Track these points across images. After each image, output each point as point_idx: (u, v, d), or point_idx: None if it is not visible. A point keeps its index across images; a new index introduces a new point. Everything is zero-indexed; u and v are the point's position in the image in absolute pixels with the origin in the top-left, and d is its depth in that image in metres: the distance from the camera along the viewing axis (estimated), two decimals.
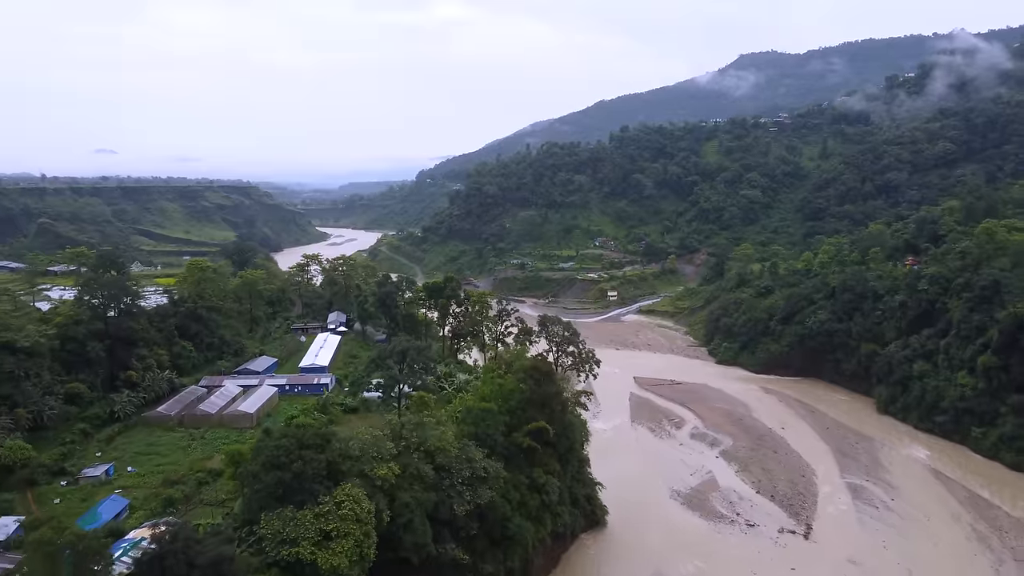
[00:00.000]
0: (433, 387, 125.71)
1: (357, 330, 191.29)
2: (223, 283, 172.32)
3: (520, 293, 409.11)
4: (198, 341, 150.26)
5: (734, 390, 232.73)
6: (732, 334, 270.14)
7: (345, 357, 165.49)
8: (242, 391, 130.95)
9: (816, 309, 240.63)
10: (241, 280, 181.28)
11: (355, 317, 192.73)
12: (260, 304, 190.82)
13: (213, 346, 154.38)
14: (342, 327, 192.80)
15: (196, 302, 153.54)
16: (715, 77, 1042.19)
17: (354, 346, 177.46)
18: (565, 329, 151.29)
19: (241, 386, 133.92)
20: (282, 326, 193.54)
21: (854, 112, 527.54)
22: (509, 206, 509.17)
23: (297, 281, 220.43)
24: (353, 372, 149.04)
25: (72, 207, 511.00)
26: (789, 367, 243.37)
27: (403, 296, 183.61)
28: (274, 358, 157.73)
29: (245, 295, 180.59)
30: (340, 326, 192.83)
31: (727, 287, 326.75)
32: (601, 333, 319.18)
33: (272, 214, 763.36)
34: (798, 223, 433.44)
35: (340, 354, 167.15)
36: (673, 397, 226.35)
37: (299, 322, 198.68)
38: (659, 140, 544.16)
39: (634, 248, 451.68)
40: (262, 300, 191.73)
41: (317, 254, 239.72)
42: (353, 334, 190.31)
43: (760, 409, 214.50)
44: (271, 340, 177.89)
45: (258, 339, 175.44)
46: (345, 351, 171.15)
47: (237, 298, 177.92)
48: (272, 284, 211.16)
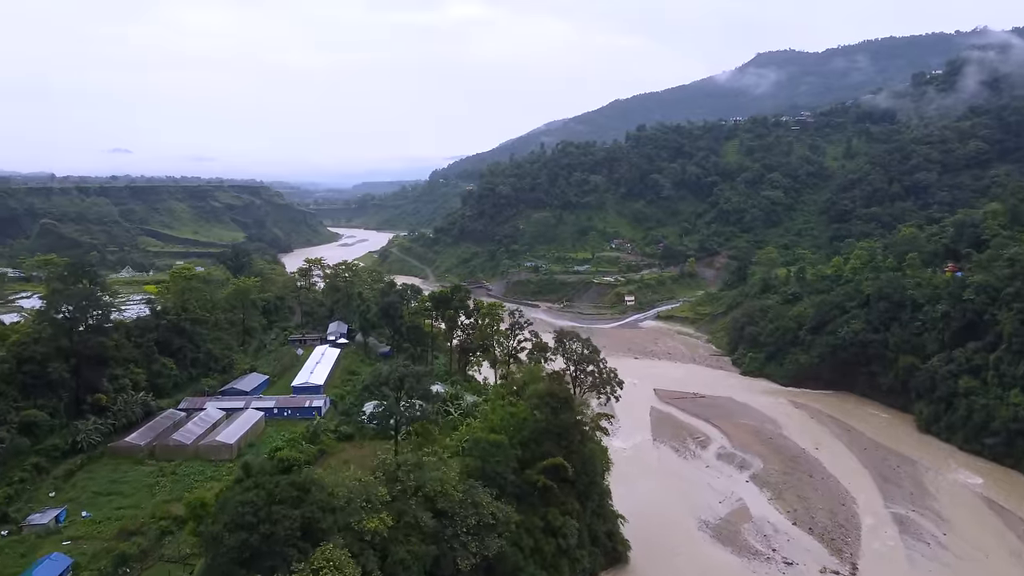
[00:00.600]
0: (437, 411, 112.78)
1: (359, 342, 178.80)
2: (211, 292, 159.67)
3: (534, 297, 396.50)
4: (181, 357, 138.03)
5: (761, 404, 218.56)
6: (758, 343, 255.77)
7: (343, 374, 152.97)
8: (225, 416, 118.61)
9: (849, 318, 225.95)
10: (233, 288, 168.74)
11: (356, 328, 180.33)
12: (254, 314, 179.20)
13: (198, 362, 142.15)
14: (343, 338, 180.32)
15: (180, 314, 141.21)
16: (734, 75, 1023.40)
17: (354, 360, 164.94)
18: (584, 346, 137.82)
19: (225, 409, 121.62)
20: (279, 337, 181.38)
21: (879, 110, 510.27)
22: (523, 207, 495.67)
23: (300, 287, 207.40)
24: (351, 391, 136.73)
25: (79, 207, 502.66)
26: (819, 380, 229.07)
27: (407, 306, 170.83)
28: (265, 375, 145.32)
29: (237, 305, 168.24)
30: (340, 337, 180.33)
31: (751, 293, 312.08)
32: (618, 341, 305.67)
33: (283, 214, 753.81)
34: (822, 225, 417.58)
35: (338, 370, 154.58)
36: (697, 412, 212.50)
37: (297, 333, 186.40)
38: (677, 139, 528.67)
39: (651, 250, 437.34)
40: (256, 310, 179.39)
41: (320, 258, 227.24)
42: (355, 346, 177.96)
43: (790, 426, 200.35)
44: (265, 354, 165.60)
45: (251, 353, 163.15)
46: (344, 366, 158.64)
47: (229, 308, 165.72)
48: (269, 291, 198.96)
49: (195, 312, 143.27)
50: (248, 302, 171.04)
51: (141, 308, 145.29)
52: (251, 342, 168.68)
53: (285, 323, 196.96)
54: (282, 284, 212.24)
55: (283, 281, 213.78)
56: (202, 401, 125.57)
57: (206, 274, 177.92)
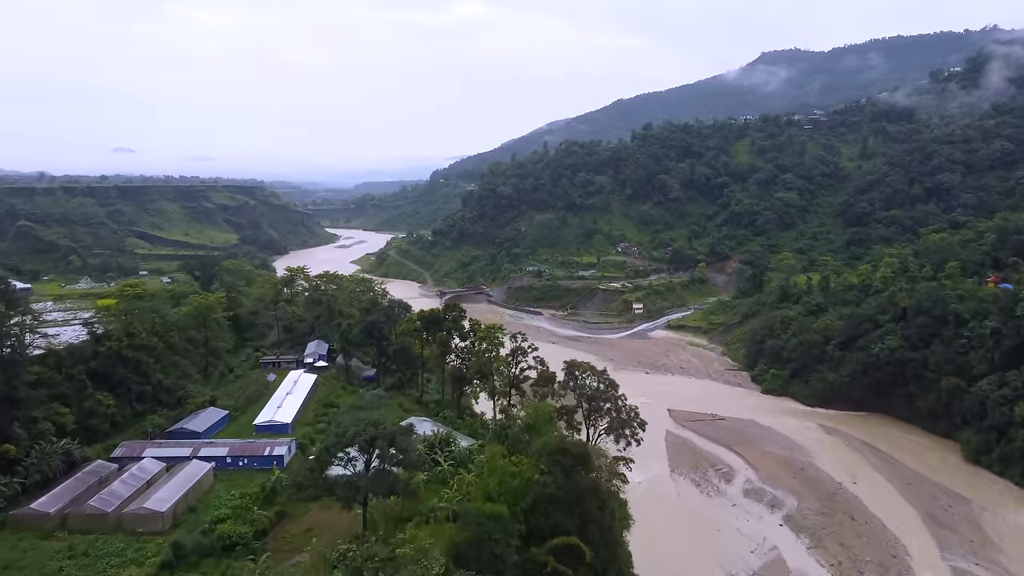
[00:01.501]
0: (423, 463, 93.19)
1: (340, 365, 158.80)
2: (165, 312, 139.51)
3: (536, 304, 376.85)
4: (124, 391, 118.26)
5: (788, 428, 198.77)
6: (780, 359, 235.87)
7: (319, 406, 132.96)
8: (165, 468, 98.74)
9: (883, 333, 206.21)
10: (193, 306, 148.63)
11: (338, 349, 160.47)
12: (219, 334, 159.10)
13: (146, 396, 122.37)
14: (321, 360, 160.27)
15: (123, 339, 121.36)
16: (741, 74, 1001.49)
17: (334, 387, 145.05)
18: (599, 378, 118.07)
19: (167, 459, 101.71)
20: (249, 359, 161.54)
21: (897, 109, 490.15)
22: (525, 208, 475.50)
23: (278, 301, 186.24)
24: (326, 428, 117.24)
25: (64, 208, 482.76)
26: (849, 400, 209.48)
27: (395, 326, 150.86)
28: (224, 411, 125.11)
29: (199, 324, 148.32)
30: (320, 359, 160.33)
31: (768, 301, 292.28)
32: (627, 352, 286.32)
33: (278, 215, 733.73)
34: (839, 229, 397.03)
35: (313, 402, 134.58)
36: (717, 437, 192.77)
37: (272, 353, 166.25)
38: (685, 139, 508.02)
39: (659, 255, 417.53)
40: (222, 329, 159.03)
41: (302, 267, 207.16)
42: (335, 369, 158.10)
43: (822, 455, 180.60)
44: (231, 380, 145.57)
45: (213, 380, 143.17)
46: (321, 396, 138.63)
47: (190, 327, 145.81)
48: (242, 305, 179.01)
49: (142, 337, 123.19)
50: (212, 321, 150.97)
51: (81, 331, 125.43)
52: (216, 366, 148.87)
53: (260, 341, 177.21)
54: (256, 297, 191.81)
55: (257, 294, 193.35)
56: (142, 447, 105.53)
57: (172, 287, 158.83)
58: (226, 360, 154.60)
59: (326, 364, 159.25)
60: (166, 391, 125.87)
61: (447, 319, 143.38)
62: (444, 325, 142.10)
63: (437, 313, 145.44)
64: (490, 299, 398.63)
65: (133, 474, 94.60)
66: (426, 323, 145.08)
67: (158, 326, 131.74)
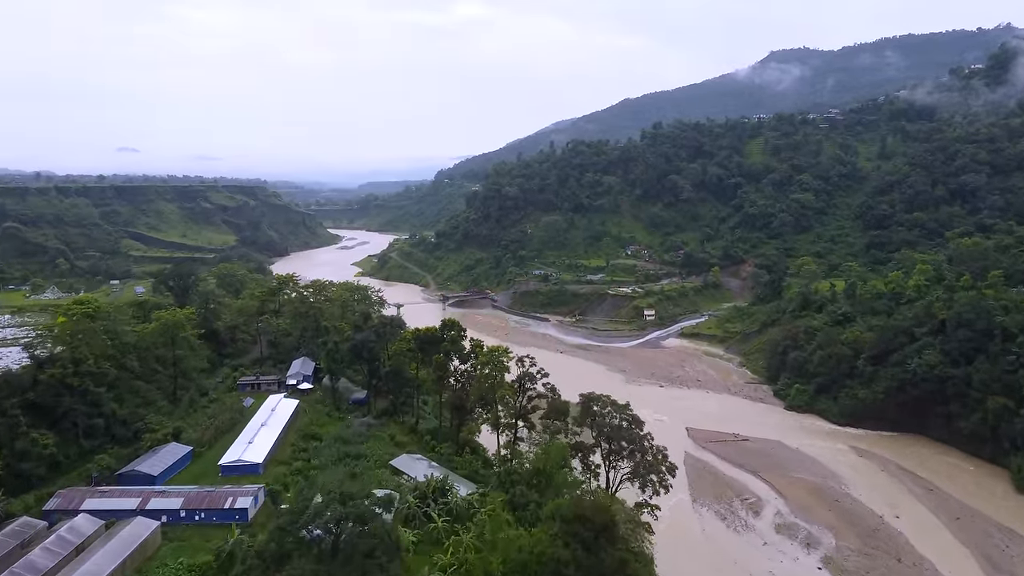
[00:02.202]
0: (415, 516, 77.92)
1: (327, 386, 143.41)
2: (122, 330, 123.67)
3: (543, 309, 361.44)
4: (68, 426, 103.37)
5: (818, 451, 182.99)
6: (804, 372, 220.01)
7: (299, 439, 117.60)
8: (104, 526, 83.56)
9: (920, 347, 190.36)
10: (159, 323, 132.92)
11: (324, 369, 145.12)
12: (190, 354, 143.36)
13: (96, 431, 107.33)
14: (306, 382, 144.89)
15: (69, 366, 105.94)
16: (753, 72, 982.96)
17: (318, 414, 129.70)
18: (620, 414, 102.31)
19: (109, 513, 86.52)
20: (226, 380, 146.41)
21: (916, 107, 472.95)
22: (531, 209, 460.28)
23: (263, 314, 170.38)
24: (304, 468, 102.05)
25: (56, 209, 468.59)
26: (882, 419, 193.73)
27: (387, 344, 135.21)
28: (188, 447, 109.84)
29: (166, 343, 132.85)
30: (304, 380, 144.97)
31: (788, 309, 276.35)
32: (639, 363, 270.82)
33: (279, 215, 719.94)
34: (858, 231, 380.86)
35: (292, 433, 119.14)
36: (741, 461, 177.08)
37: (252, 373, 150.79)
38: (697, 138, 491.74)
39: (671, 258, 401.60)
40: (193, 348, 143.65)
41: (292, 275, 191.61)
42: (321, 391, 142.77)
43: (858, 482, 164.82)
44: (202, 407, 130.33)
45: (183, 407, 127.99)
46: (302, 426, 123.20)
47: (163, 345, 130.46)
48: (222, 318, 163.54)
49: (89, 364, 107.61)
50: (181, 339, 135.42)
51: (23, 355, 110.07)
52: (187, 389, 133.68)
53: (241, 359, 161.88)
54: (237, 309, 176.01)
55: (238, 306, 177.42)
56: (82, 497, 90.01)
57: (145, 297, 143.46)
58: (198, 383, 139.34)
59: (311, 387, 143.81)
60: (121, 423, 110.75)
61: (444, 339, 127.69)
62: (441, 346, 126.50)
63: (434, 333, 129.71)
64: (495, 304, 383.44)
65: (62, 536, 78.89)
66: (421, 343, 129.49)
67: (113, 349, 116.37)
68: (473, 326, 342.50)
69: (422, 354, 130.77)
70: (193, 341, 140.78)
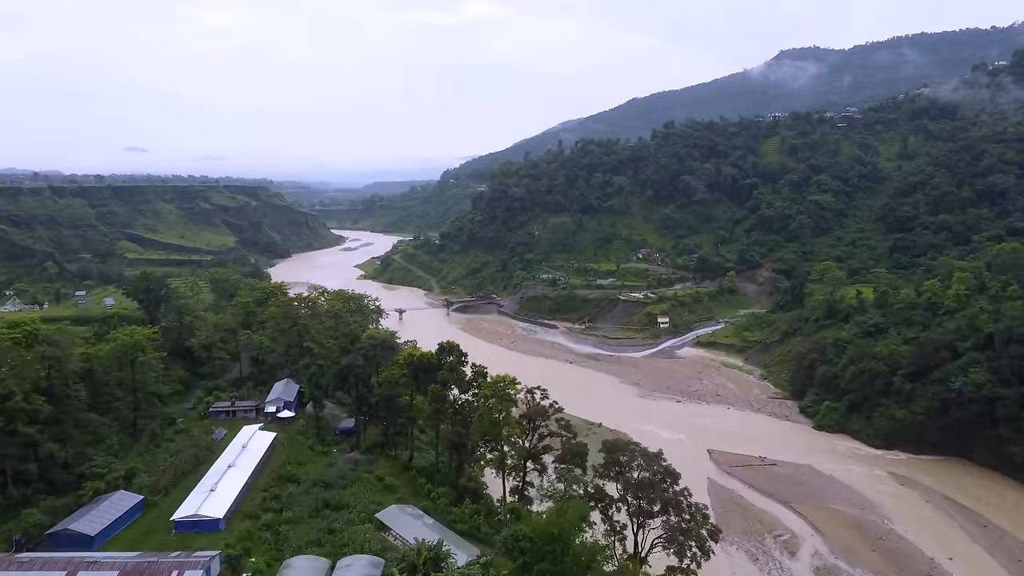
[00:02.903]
0: None
1: (310, 414, 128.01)
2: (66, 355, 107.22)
3: (551, 315, 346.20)
4: None
5: (854, 478, 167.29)
6: (834, 388, 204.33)
7: (272, 482, 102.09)
8: None
9: (965, 364, 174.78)
10: (116, 344, 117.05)
11: (307, 396, 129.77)
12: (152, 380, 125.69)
13: (29, 478, 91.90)
14: (287, 409, 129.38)
15: None
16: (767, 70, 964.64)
17: (299, 448, 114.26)
18: (651, 465, 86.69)
19: None
20: (199, 406, 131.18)
21: (938, 105, 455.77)
22: (538, 211, 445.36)
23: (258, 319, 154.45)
24: (275, 521, 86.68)
25: (50, 209, 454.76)
26: (922, 442, 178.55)
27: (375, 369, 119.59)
28: (138, 496, 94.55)
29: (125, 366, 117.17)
30: (285, 407, 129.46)
31: (811, 318, 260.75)
32: (654, 375, 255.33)
33: (281, 216, 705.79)
34: (879, 234, 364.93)
35: (265, 475, 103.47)
36: (771, 490, 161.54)
37: (228, 397, 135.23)
38: (710, 137, 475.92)
39: (684, 262, 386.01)
40: (155, 371, 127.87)
41: (281, 284, 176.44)
42: (305, 419, 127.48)
43: (903, 517, 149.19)
44: (166, 439, 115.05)
45: (143, 441, 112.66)
46: (278, 466, 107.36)
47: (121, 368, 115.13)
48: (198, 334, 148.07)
49: (18, 400, 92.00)
50: (142, 363, 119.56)
51: None
52: (151, 417, 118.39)
53: (218, 379, 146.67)
54: (215, 324, 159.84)
55: (215, 321, 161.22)
56: None
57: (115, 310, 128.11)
58: (164, 411, 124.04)
59: (292, 414, 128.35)
60: (62, 467, 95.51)
61: (443, 366, 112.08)
62: (439, 375, 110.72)
63: (429, 359, 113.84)
64: (501, 310, 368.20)
65: None
66: (415, 371, 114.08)
67: (53, 379, 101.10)
68: (478, 333, 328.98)
69: (416, 382, 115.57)
70: (156, 364, 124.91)
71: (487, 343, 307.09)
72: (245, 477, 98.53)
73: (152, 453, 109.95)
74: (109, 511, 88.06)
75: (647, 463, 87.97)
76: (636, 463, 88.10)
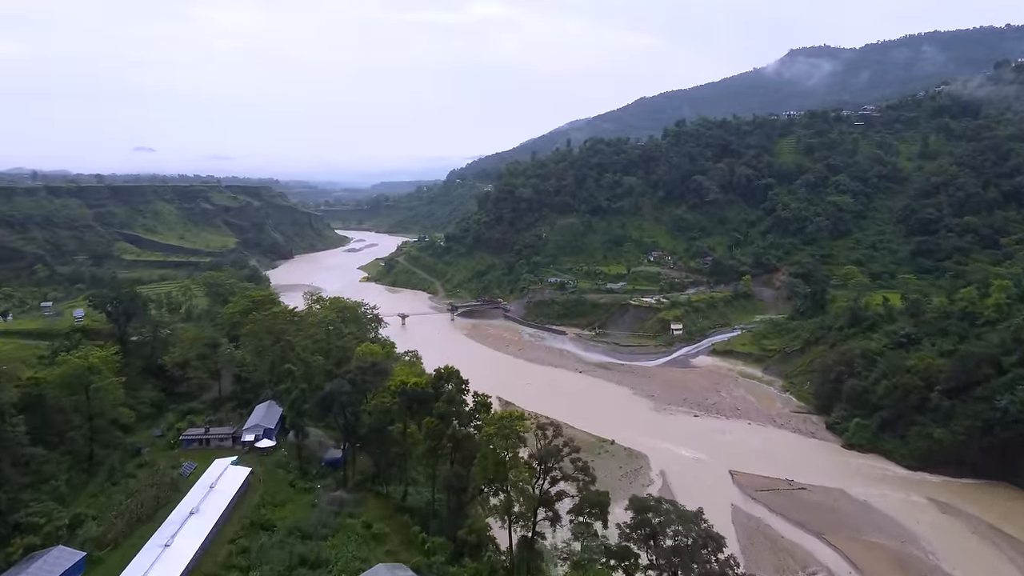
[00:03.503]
0: None
1: (292, 443, 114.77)
2: None
3: (559, 320, 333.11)
4: None
5: (891, 505, 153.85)
6: (864, 404, 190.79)
7: (242, 530, 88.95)
8: None
9: (1011, 381, 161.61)
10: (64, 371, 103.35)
11: (288, 424, 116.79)
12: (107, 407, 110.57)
13: None
14: (267, 440, 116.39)
15: None
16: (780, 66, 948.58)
17: (277, 486, 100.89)
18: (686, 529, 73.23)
19: None
20: (169, 433, 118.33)
21: (960, 103, 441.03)
22: (546, 212, 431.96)
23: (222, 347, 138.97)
24: None
25: (45, 210, 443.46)
26: (963, 465, 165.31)
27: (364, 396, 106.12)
28: (79, 553, 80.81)
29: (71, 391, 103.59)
30: (265, 435, 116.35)
31: (834, 325, 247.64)
32: (668, 386, 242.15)
33: (284, 216, 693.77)
34: (901, 237, 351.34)
35: (234, 522, 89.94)
36: (801, 518, 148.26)
37: (202, 422, 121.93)
38: (723, 136, 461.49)
39: (697, 265, 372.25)
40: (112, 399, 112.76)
41: (271, 292, 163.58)
42: (285, 449, 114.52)
43: (947, 550, 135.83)
44: (126, 476, 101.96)
45: (99, 479, 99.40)
46: (249, 510, 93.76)
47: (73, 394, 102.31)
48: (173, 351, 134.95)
49: None
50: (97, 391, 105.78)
51: None
52: (111, 447, 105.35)
53: (197, 399, 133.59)
54: (191, 339, 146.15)
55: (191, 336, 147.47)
56: None
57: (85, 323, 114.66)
58: (128, 440, 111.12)
59: (272, 443, 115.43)
60: None
61: (439, 397, 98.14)
62: (435, 407, 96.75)
63: (424, 388, 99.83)
64: (507, 314, 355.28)
65: None
66: (408, 401, 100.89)
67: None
68: (484, 339, 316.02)
69: (410, 413, 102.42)
70: (115, 389, 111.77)
71: (493, 350, 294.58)
72: (209, 527, 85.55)
73: (107, 493, 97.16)
74: (41, 574, 75.38)
75: (684, 526, 74.90)
76: (671, 527, 74.91)
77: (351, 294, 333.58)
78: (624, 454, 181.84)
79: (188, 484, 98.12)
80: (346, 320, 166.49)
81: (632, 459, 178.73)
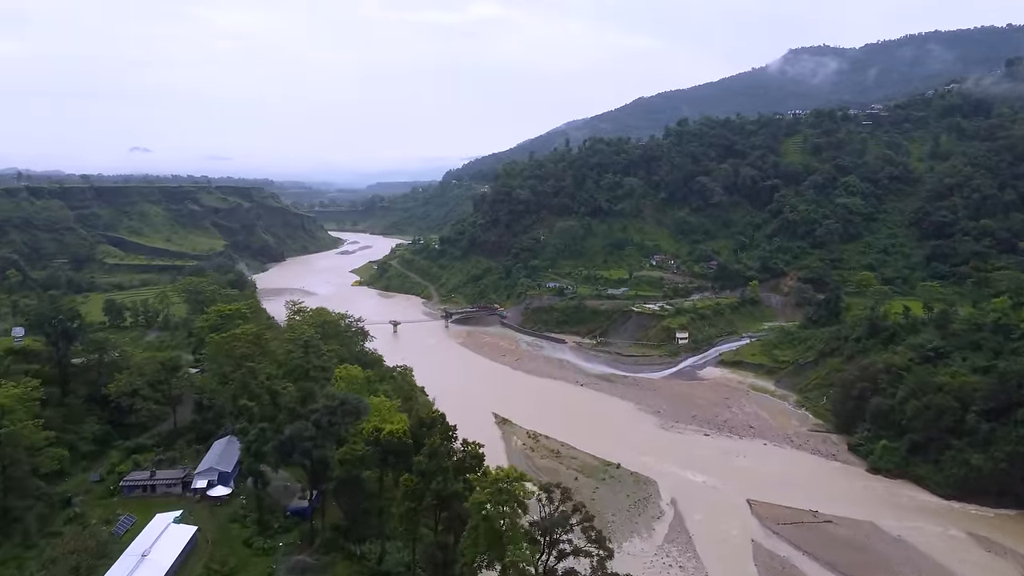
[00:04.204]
0: None
1: (251, 490, 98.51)
2: None
3: (559, 328, 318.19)
4: None
5: (927, 540, 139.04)
6: (891, 424, 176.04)
7: None
8: None
9: None
10: None
11: (244, 469, 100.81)
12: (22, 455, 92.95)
13: None
14: (222, 486, 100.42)
15: None
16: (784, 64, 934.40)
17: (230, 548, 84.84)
18: None
19: None
20: (109, 477, 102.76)
21: (971, 101, 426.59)
22: (544, 214, 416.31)
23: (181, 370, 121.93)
24: None
25: (25, 212, 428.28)
26: (1005, 494, 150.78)
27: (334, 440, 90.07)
28: None
29: None
30: (220, 481, 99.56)
31: (851, 336, 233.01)
32: (675, 400, 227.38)
33: (276, 218, 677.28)
34: (914, 240, 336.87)
35: None
36: (831, 558, 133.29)
37: (148, 464, 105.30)
38: (727, 136, 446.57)
39: (701, 269, 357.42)
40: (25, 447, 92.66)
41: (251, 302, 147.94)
42: (244, 497, 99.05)
43: None
44: (47, 535, 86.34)
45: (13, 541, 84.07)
46: None
47: None
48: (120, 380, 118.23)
49: None
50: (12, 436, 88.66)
51: None
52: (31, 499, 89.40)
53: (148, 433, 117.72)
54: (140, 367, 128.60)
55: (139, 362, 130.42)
56: None
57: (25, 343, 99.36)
58: (53, 492, 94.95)
59: (228, 491, 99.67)
60: None
61: (424, 446, 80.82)
62: (415, 463, 79.28)
63: (402, 439, 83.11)
64: (504, 321, 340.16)
65: None
66: (384, 453, 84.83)
67: None
68: (479, 348, 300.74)
69: (386, 464, 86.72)
70: (34, 434, 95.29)
71: (489, 360, 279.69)
72: None
73: (19, 560, 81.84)
74: None
75: None
76: None
77: (342, 299, 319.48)
78: (631, 480, 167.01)
79: (121, 547, 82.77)
80: (327, 336, 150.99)
81: (640, 486, 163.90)
